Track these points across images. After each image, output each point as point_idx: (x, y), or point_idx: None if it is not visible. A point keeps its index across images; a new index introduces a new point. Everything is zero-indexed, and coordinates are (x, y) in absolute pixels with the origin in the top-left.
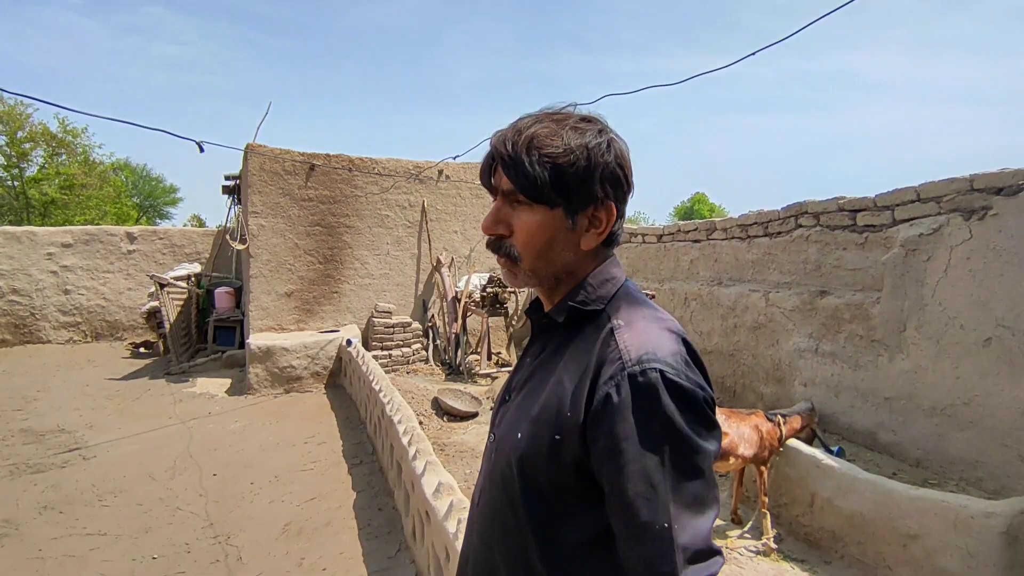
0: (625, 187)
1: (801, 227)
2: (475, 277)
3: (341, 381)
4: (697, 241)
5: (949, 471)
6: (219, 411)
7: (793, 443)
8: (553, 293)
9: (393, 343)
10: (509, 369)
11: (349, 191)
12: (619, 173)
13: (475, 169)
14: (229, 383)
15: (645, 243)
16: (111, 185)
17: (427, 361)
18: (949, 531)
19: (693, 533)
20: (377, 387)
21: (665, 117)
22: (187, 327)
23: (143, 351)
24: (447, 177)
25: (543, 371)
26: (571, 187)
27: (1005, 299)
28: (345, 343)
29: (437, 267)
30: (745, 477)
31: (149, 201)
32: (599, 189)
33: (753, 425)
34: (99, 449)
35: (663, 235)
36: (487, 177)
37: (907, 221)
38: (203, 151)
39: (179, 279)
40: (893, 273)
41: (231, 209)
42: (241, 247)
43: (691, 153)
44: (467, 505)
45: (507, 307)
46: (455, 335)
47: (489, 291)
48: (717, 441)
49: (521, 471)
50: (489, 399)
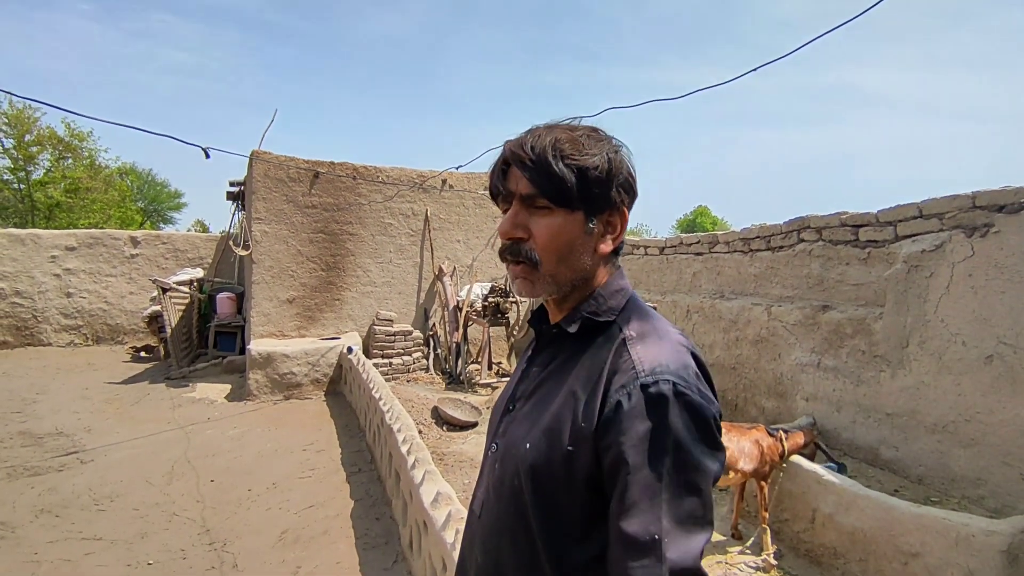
0: (634, 194)
1: (804, 241)
2: (477, 287)
3: (341, 389)
4: (700, 254)
5: (951, 489)
6: (218, 417)
7: (795, 458)
8: (563, 303)
9: (394, 351)
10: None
11: (353, 199)
12: (631, 181)
13: (479, 179)
14: (229, 389)
15: (648, 255)
16: (116, 189)
17: (427, 370)
18: (950, 549)
19: (683, 550)
20: (377, 395)
21: (669, 130)
22: (188, 332)
23: (144, 355)
24: (450, 186)
25: (553, 381)
26: (593, 191)
27: (1007, 316)
28: (346, 350)
29: (439, 276)
30: (746, 492)
31: (154, 206)
32: (615, 194)
33: (754, 440)
34: (97, 453)
35: (665, 247)
36: (499, 182)
37: (909, 237)
38: (209, 157)
39: (181, 284)
40: (895, 289)
41: (235, 215)
42: (244, 253)
43: (694, 166)
44: (465, 515)
45: (508, 317)
46: (456, 344)
47: (491, 301)
48: (720, 463)
49: (532, 482)
50: (489, 409)
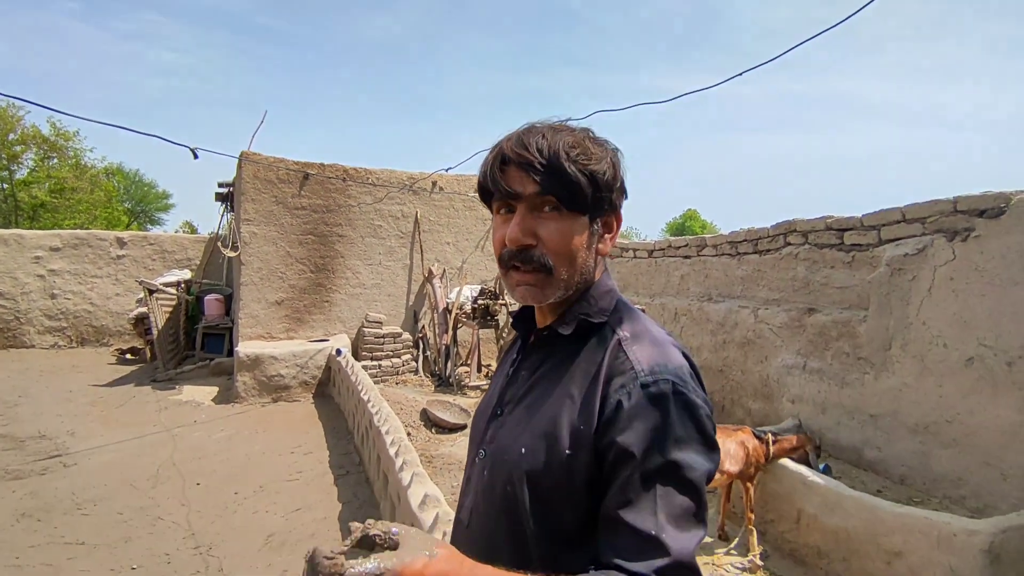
0: (626, 196)
1: (790, 245)
2: (467, 289)
3: (329, 391)
4: (688, 257)
5: (933, 489)
6: (205, 419)
7: (781, 460)
8: (560, 305)
9: (383, 353)
10: None
11: (343, 200)
12: (624, 184)
13: (469, 181)
14: (216, 391)
15: (636, 258)
16: (102, 189)
17: (417, 372)
18: (932, 549)
19: (680, 545)
20: (366, 397)
21: (657, 134)
22: (175, 334)
23: (129, 357)
24: (440, 189)
25: (545, 385)
26: (600, 195)
27: (987, 319)
28: (335, 353)
29: (429, 278)
30: (732, 493)
31: (141, 206)
32: (616, 198)
33: (739, 441)
34: (80, 456)
35: (654, 251)
36: (498, 182)
37: (893, 241)
38: (197, 157)
39: (169, 285)
40: (879, 292)
41: (223, 216)
42: (233, 254)
43: (683, 170)
44: (453, 518)
45: (498, 319)
46: (445, 346)
47: (480, 303)
48: (715, 462)
49: (528, 488)
50: None
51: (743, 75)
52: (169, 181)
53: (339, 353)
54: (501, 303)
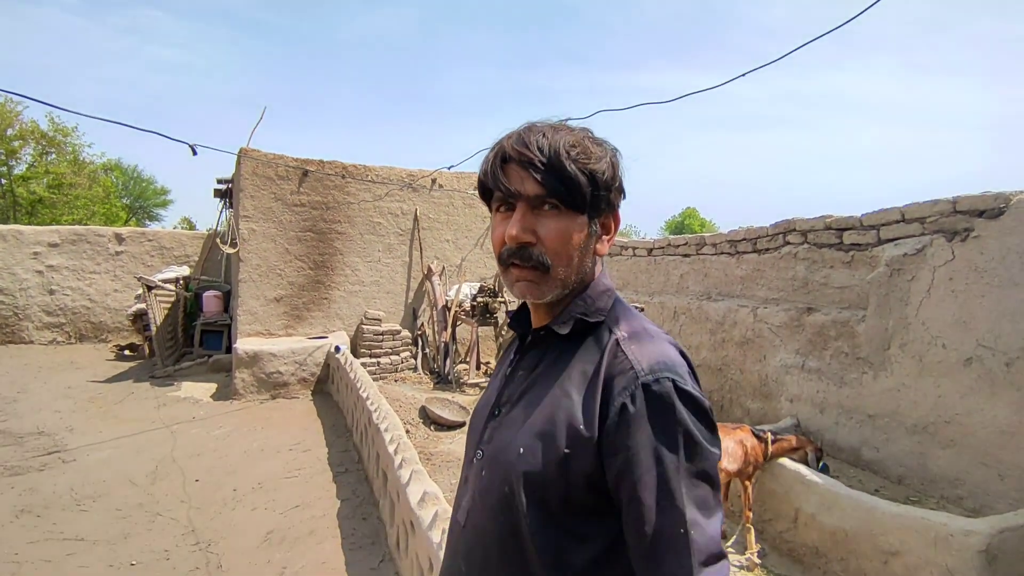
0: (624, 196)
1: (789, 244)
2: (466, 286)
3: (328, 388)
4: (687, 256)
5: (930, 489)
6: (204, 416)
7: (780, 459)
8: (552, 304)
9: (382, 351)
10: None
11: (342, 198)
12: (623, 184)
13: (468, 179)
14: (215, 388)
15: (636, 256)
16: (100, 185)
17: (415, 369)
18: (929, 548)
19: (707, 537)
20: (364, 395)
21: (658, 132)
22: (174, 330)
23: (128, 354)
24: (440, 186)
25: (541, 384)
26: (599, 195)
27: (985, 320)
28: (334, 350)
29: (428, 275)
30: (730, 492)
31: (139, 203)
32: (614, 198)
33: (738, 440)
34: (79, 452)
35: (653, 249)
36: (499, 180)
37: (892, 241)
38: (196, 154)
39: (167, 282)
40: (878, 292)
41: (222, 213)
42: (231, 251)
43: (683, 168)
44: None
45: (497, 317)
46: (444, 344)
47: (479, 301)
48: (719, 449)
49: (526, 488)
50: None
51: (746, 75)
52: (168, 177)
53: (338, 350)
54: (500, 301)
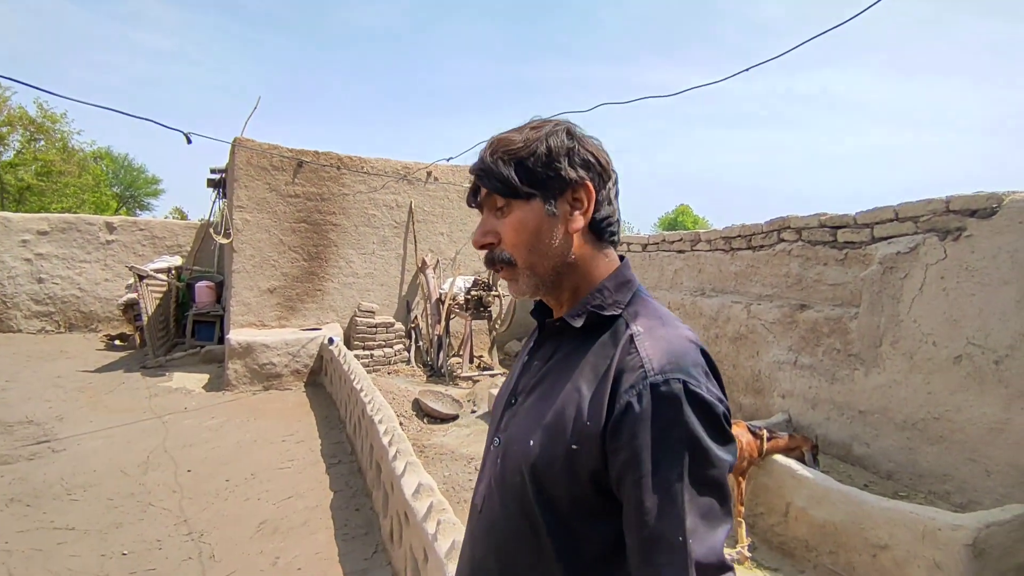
0: (599, 168)
1: (783, 241)
2: (460, 280)
3: (321, 380)
4: (681, 252)
5: (919, 484)
6: (196, 407)
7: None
8: (560, 295)
9: (375, 343)
10: (491, 373)
11: (337, 189)
12: (588, 156)
13: (463, 172)
14: (207, 378)
15: (630, 251)
16: (90, 173)
17: (409, 362)
18: (917, 542)
19: (708, 547)
20: (358, 386)
21: (651, 129)
22: (165, 320)
23: (118, 343)
24: (435, 179)
25: (555, 376)
26: (538, 175)
27: (976, 318)
28: (327, 341)
29: (422, 268)
30: None
31: (130, 191)
32: (571, 172)
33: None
34: (69, 442)
35: (648, 244)
36: (472, 199)
37: (885, 239)
38: (191, 142)
39: (159, 271)
40: (871, 289)
41: (215, 203)
42: (225, 241)
43: (676, 166)
44: (447, 507)
45: (491, 311)
46: (438, 337)
47: (473, 294)
48: (733, 456)
49: (534, 480)
50: (470, 402)
51: (748, 71)
52: (158, 166)
53: (331, 342)
54: (494, 294)
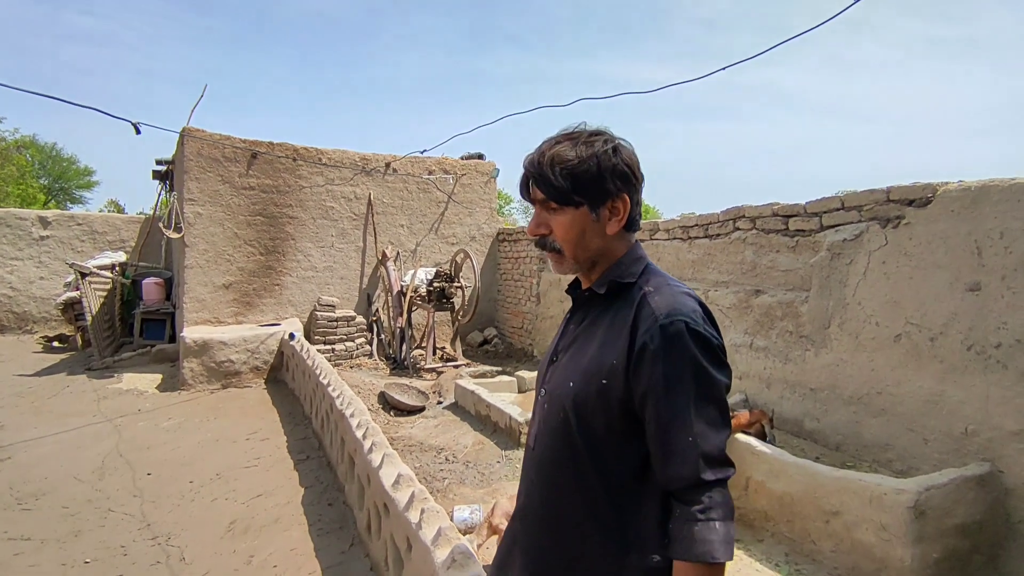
0: (634, 180)
1: (739, 230)
2: (421, 271)
3: (283, 376)
4: (641, 240)
5: (864, 454)
6: (150, 408)
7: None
8: (591, 273)
9: (336, 337)
10: (455, 364)
11: (293, 181)
12: (626, 171)
13: (423, 163)
14: (160, 379)
15: None
16: (14, 164)
17: (371, 356)
18: (865, 507)
19: (712, 445)
20: (325, 381)
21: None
22: (111, 320)
23: (57, 345)
24: (394, 170)
25: (587, 334)
26: (588, 189)
27: (914, 299)
28: (288, 337)
29: (383, 261)
30: None
31: (60, 183)
32: (611, 186)
33: None
34: (15, 450)
35: None
36: (524, 192)
37: (833, 227)
38: (139, 132)
39: (102, 268)
40: (820, 275)
41: (160, 195)
42: (176, 236)
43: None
44: (428, 496)
45: (453, 302)
46: (400, 329)
47: (436, 286)
48: (728, 378)
49: (575, 412)
50: (436, 393)
51: (725, 69)
52: (89, 157)
53: (292, 337)
54: (456, 286)
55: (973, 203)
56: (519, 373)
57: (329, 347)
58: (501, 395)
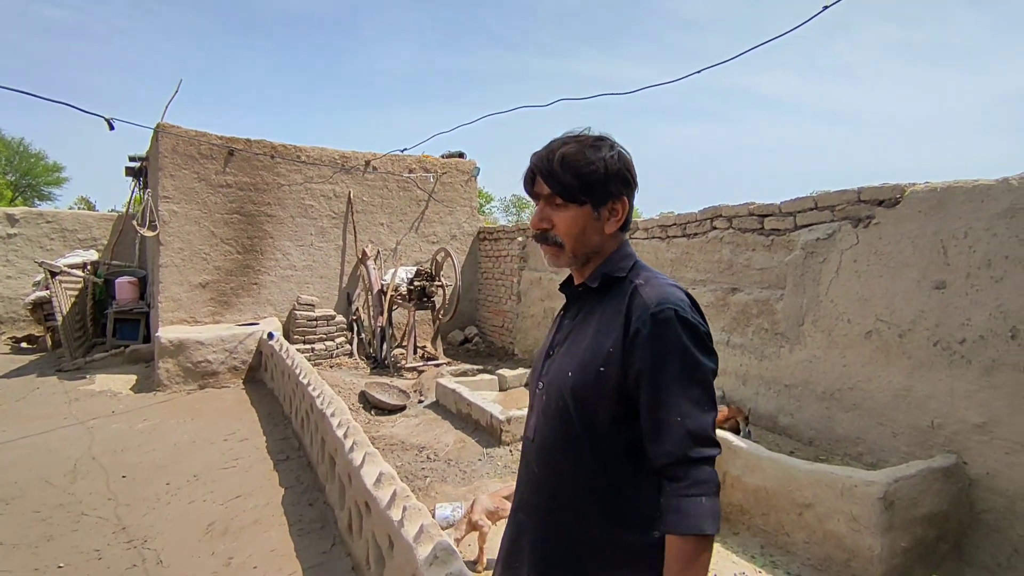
0: (632, 185)
1: (716, 229)
2: (402, 270)
3: (261, 376)
4: None
5: (836, 448)
6: (124, 410)
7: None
8: (584, 269)
9: (316, 336)
10: (436, 363)
11: (271, 179)
12: (627, 175)
13: (403, 161)
14: (134, 379)
15: None
16: None
17: (351, 355)
18: (837, 499)
19: (699, 424)
20: (305, 381)
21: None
22: (82, 320)
23: (25, 346)
24: (374, 168)
25: (582, 327)
26: (594, 189)
27: (883, 297)
28: (266, 336)
29: (363, 259)
30: None
31: (27, 180)
32: (614, 188)
33: None
34: None
35: None
36: (529, 186)
37: (807, 227)
38: (113, 128)
39: (73, 267)
40: (794, 273)
41: (134, 192)
42: (150, 234)
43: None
44: (410, 493)
45: (434, 300)
46: (380, 328)
47: (416, 284)
48: (715, 363)
49: (575, 399)
50: (417, 392)
51: (701, 72)
52: (57, 153)
53: (271, 337)
54: (437, 284)
55: (939, 204)
56: (500, 371)
57: (309, 347)
58: (482, 393)
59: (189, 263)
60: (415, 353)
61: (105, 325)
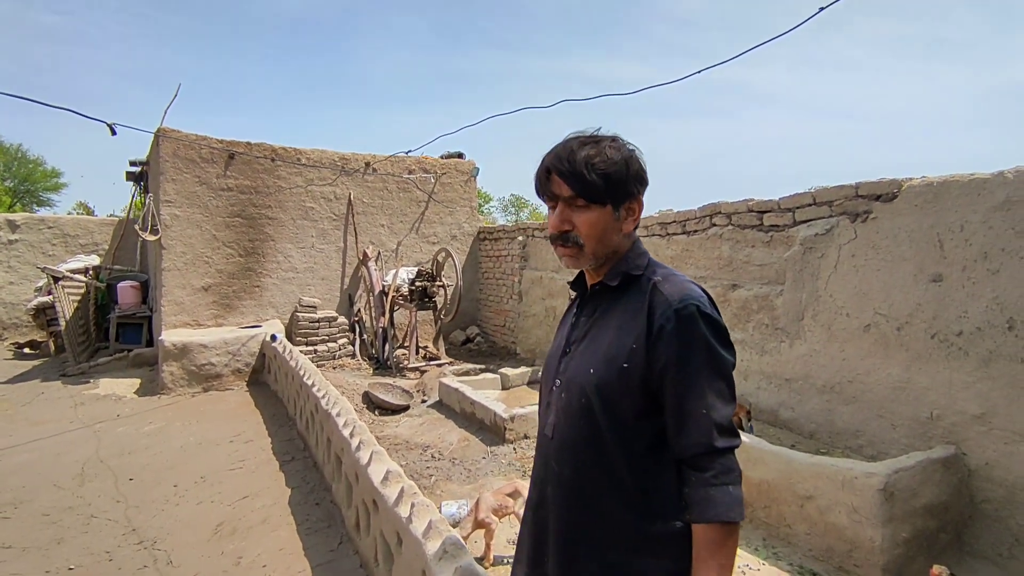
0: (647, 184)
1: (715, 226)
2: (403, 271)
3: (265, 378)
4: None
5: (836, 441)
6: (129, 413)
7: None
8: (601, 267)
9: (318, 338)
10: (438, 363)
11: (272, 182)
12: (644, 176)
13: (402, 163)
14: (139, 383)
15: None
16: None
17: (354, 356)
18: (838, 491)
19: (722, 416)
20: (310, 382)
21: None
22: (85, 324)
23: (28, 352)
24: (374, 170)
25: (600, 324)
26: (616, 189)
27: (881, 291)
28: (270, 338)
29: (364, 261)
30: None
31: (25, 186)
32: (634, 188)
33: None
34: None
35: None
36: (543, 187)
37: (805, 222)
38: (115, 134)
39: (75, 272)
40: (794, 268)
41: (135, 196)
42: (152, 238)
43: None
44: (417, 490)
45: (435, 301)
46: (382, 329)
47: (418, 285)
48: (733, 356)
49: (599, 395)
50: (420, 392)
51: (701, 72)
52: (56, 158)
53: (274, 339)
54: (439, 284)
55: (935, 198)
56: (502, 370)
57: (311, 348)
58: (485, 392)
59: (191, 266)
60: (417, 353)
61: (108, 329)
